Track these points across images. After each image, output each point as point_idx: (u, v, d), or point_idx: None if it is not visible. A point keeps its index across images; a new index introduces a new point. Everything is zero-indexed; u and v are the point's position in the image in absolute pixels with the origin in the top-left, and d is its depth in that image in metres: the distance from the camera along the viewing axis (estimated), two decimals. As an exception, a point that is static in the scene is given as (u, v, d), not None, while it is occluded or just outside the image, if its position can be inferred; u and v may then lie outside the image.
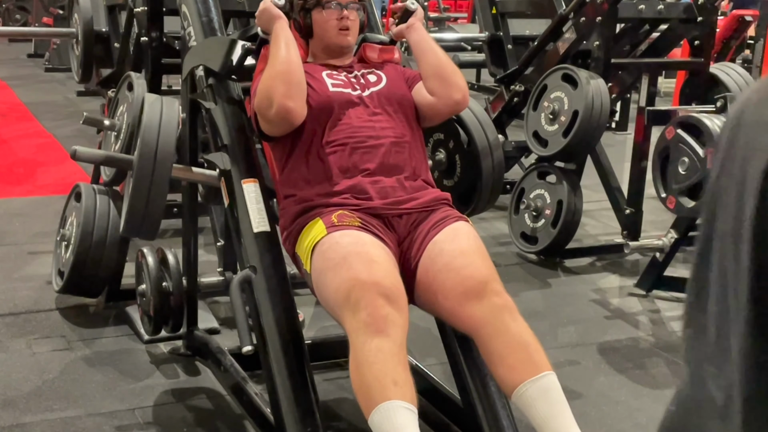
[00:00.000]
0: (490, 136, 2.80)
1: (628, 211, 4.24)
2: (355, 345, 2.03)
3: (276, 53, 2.40)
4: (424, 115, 2.56)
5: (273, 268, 2.40)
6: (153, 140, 2.50)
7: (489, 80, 6.00)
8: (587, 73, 4.08)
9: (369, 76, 2.55)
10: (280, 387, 2.24)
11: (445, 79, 2.50)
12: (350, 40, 2.56)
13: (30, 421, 2.61)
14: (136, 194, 2.48)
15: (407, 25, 2.62)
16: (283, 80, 2.34)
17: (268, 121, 2.39)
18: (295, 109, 2.34)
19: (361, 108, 2.45)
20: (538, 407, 2.05)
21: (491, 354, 2.14)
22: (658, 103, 4.61)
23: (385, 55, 2.68)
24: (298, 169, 2.41)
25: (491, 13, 5.15)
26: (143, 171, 2.48)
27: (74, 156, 2.57)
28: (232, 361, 2.79)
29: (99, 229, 3.30)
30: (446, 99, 2.50)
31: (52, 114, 7.47)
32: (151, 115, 2.53)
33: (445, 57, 2.55)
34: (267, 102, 2.35)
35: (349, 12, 2.53)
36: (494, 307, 2.15)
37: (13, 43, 12.08)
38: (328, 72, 2.52)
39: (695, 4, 4.43)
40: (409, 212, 2.34)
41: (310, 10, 2.55)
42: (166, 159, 2.50)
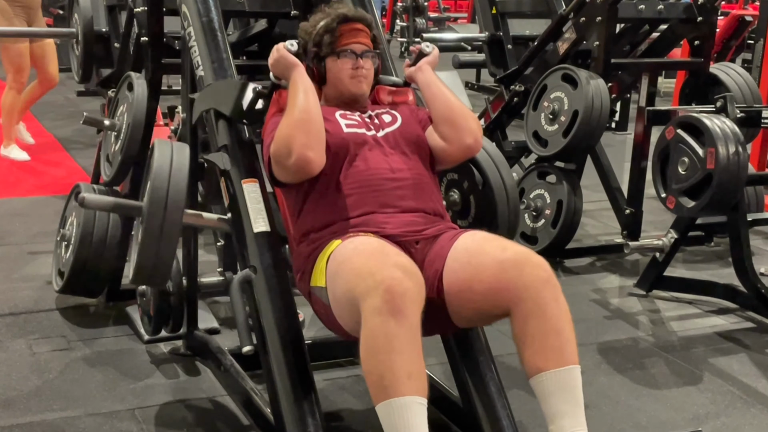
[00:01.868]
0: (505, 176, 2.67)
1: (628, 211, 4.25)
2: (371, 326, 1.96)
3: (295, 101, 2.33)
4: (437, 158, 2.49)
5: (273, 268, 2.39)
6: (163, 188, 2.39)
7: (489, 80, 6.00)
8: (587, 73, 4.08)
9: (383, 116, 2.50)
10: (280, 387, 2.24)
11: (456, 124, 2.44)
12: (365, 88, 2.50)
13: (30, 421, 2.62)
14: (146, 243, 2.38)
15: (417, 67, 2.57)
16: (303, 129, 2.27)
17: (286, 170, 2.30)
18: (315, 160, 2.27)
19: (376, 149, 2.39)
20: (552, 400, 2.05)
21: (523, 333, 2.08)
22: (658, 103, 4.61)
23: (399, 98, 2.62)
24: (312, 213, 2.35)
25: (491, 13, 5.15)
26: (153, 220, 2.37)
27: (83, 204, 2.48)
28: (232, 361, 2.79)
29: (99, 229, 3.30)
30: (457, 144, 2.44)
31: (52, 114, 7.47)
32: (161, 162, 2.42)
33: (456, 100, 2.48)
34: (286, 151, 2.26)
35: (364, 61, 2.47)
36: (538, 278, 2.09)
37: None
38: (342, 113, 2.46)
39: (695, 4, 4.43)
40: (426, 237, 2.29)
41: (324, 58, 2.48)
42: (177, 208, 2.39)
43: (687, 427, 2.74)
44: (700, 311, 3.75)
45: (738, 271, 3.67)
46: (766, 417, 2.84)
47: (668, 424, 2.75)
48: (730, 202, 3.48)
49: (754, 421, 2.81)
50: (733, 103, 3.60)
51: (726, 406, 2.91)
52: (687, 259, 4.44)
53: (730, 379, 3.11)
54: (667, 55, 4.96)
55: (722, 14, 7.31)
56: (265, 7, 3.40)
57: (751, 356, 3.31)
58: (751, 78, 4.66)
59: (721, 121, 3.41)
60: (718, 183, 3.33)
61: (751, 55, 7.25)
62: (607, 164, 4.55)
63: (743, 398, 2.96)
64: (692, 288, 3.90)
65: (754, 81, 4.69)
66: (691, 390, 3.01)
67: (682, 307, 3.80)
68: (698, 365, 3.22)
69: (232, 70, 2.77)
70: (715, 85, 4.53)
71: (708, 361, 3.25)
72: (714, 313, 3.73)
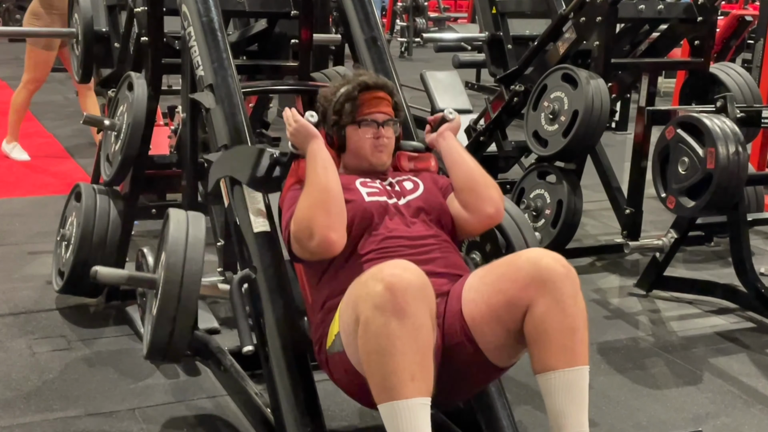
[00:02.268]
0: (528, 239, 2.61)
1: (628, 211, 4.25)
2: (372, 327, 1.92)
3: (314, 178, 2.24)
4: (458, 227, 2.42)
5: (273, 268, 2.39)
6: (179, 263, 2.33)
7: (489, 80, 6.00)
8: (587, 73, 4.08)
9: (405, 183, 2.43)
10: (280, 387, 2.24)
11: (478, 193, 2.37)
12: (385, 158, 2.44)
13: (30, 421, 2.62)
14: (161, 320, 2.32)
15: (438, 132, 2.50)
16: (324, 209, 2.18)
17: (307, 251, 2.22)
18: (337, 241, 2.18)
19: (397, 217, 2.32)
20: (557, 399, 2.04)
21: (537, 331, 2.04)
22: (658, 103, 4.61)
23: (420, 164, 2.56)
24: (331, 281, 2.26)
25: (491, 13, 5.15)
26: (169, 296, 2.32)
27: (95, 277, 2.44)
28: (232, 361, 2.78)
29: (99, 229, 3.30)
30: (479, 213, 2.37)
31: (52, 114, 7.48)
32: (177, 236, 2.36)
33: (478, 168, 2.41)
34: (307, 233, 2.18)
35: (385, 130, 2.42)
36: (555, 273, 2.05)
37: (13, 43, 12.07)
38: (362, 180, 2.39)
39: (695, 4, 4.42)
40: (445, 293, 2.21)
41: (344, 126, 2.42)
42: (194, 283, 2.33)
43: (687, 427, 2.74)
44: (700, 311, 3.75)
45: (738, 271, 3.67)
46: (766, 417, 2.84)
47: (668, 424, 2.75)
48: (730, 202, 3.48)
49: (754, 421, 2.81)
50: (733, 103, 3.60)
51: (726, 406, 2.91)
52: (687, 259, 4.44)
53: (730, 379, 3.11)
54: (667, 55, 4.96)
55: (722, 14, 7.31)
56: (265, 7, 3.40)
57: (751, 356, 3.31)
58: (751, 78, 4.66)
59: (721, 121, 3.41)
60: (718, 183, 3.33)
61: (751, 55, 7.26)
62: (607, 164, 4.55)
63: (743, 398, 2.96)
64: (692, 288, 3.90)
65: (754, 81, 4.69)
66: (691, 390, 3.01)
67: (682, 307, 3.80)
68: (698, 365, 3.22)
69: (232, 70, 2.78)
70: (715, 85, 4.53)
71: (708, 361, 3.25)
72: (714, 313, 3.73)
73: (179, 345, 2.36)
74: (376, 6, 3.57)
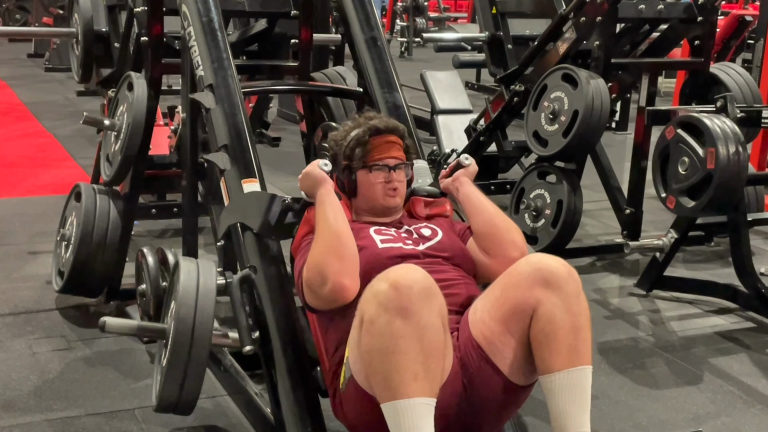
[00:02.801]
0: None
1: (628, 211, 4.25)
2: (376, 326, 1.91)
3: (324, 224, 2.20)
4: (479, 274, 2.37)
5: (273, 268, 2.39)
6: (190, 315, 2.28)
7: (489, 80, 6.00)
8: (587, 73, 4.07)
9: (423, 231, 2.39)
10: (280, 387, 2.24)
11: (500, 238, 2.33)
12: (398, 201, 2.41)
13: (30, 421, 2.62)
14: (172, 373, 2.28)
15: (454, 178, 2.46)
16: (336, 255, 2.13)
17: (320, 298, 2.17)
18: (351, 287, 2.13)
19: (416, 262, 2.19)
20: (559, 399, 2.04)
21: (542, 332, 2.03)
22: (658, 103, 4.61)
23: (436, 209, 2.52)
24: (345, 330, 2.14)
25: (491, 13, 5.15)
26: (179, 348, 2.27)
27: (103, 329, 2.38)
28: (232, 361, 2.79)
29: (99, 229, 3.30)
30: (501, 258, 2.30)
31: (52, 114, 7.47)
32: (187, 286, 2.32)
33: (498, 213, 2.37)
34: (320, 279, 2.13)
35: (397, 174, 2.39)
36: (556, 273, 2.05)
37: (13, 43, 12.09)
38: (376, 228, 2.35)
39: (695, 4, 4.42)
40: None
41: (355, 171, 2.39)
42: (204, 336, 2.28)
43: (687, 427, 2.74)
44: (700, 311, 3.75)
45: (738, 271, 3.67)
46: (766, 417, 2.84)
47: (668, 424, 2.75)
48: (730, 202, 3.48)
49: (754, 421, 2.80)
50: (733, 103, 3.60)
51: (726, 406, 2.91)
52: (687, 259, 4.44)
53: (730, 379, 3.11)
54: (667, 55, 4.96)
55: (722, 14, 7.30)
56: (265, 7, 3.40)
57: (751, 356, 3.31)
58: (751, 78, 4.66)
59: (721, 121, 3.41)
60: (718, 183, 3.33)
61: (751, 55, 7.26)
62: (607, 164, 4.55)
63: (743, 398, 2.96)
64: (692, 288, 3.90)
65: (754, 81, 4.69)
66: (691, 390, 3.01)
67: (682, 307, 3.80)
68: (698, 365, 3.22)
69: (232, 70, 2.78)
70: (715, 85, 4.53)
71: (708, 361, 3.25)
72: (714, 313, 3.73)
73: (190, 397, 2.33)
74: (376, 6, 3.57)
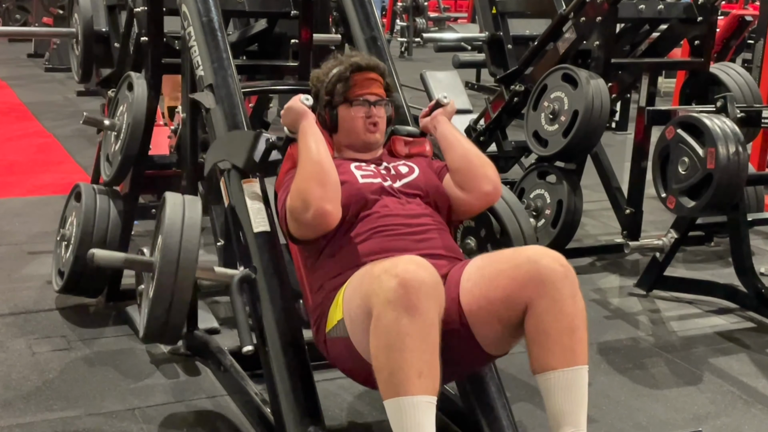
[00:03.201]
0: (524, 225, 2.60)
1: (628, 211, 4.25)
2: (384, 322, 1.93)
3: (306, 153, 2.28)
4: (456, 209, 2.45)
5: (273, 268, 2.39)
6: (175, 245, 2.36)
7: (489, 80, 5.99)
8: (587, 73, 4.07)
9: (400, 168, 2.46)
10: (280, 387, 2.24)
11: (474, 172, 2.40)
12: (378, 137, 2.48)
13: (30, 421, 2.62)
14: (157, 302, 2.35)
15: (432, 116, 2.55)
16: (318, 182, 2.21)
17: (304, 225, 2.24)
18: (332, 212, 2.22)
19: (393, 198, 2.35)
20: (556, 399, 2.04)
21: (536, 330, 2.05)
22: (658, 103, 4.61)
23: (415, 149, 2.59)
24: (327, 264, 2.29)
25: (491, 13, 5.15)
26: (165, 278, 2.35)
27: (92, 260, 2.44)
28: (232, 361, 2.79)
29: (99, 229, 3.30)
30: (476, 192, 2.40)
31: (52, 114, 7.47)
32: (173, 218, 2.39)
33: (473, 148, 2.45)
34: (302, 205, 2.20)
35: (377, 109, 2.46)
36: (554, 273, 2.06)
37: (13, 43, 12.09)
38: (357, 164, 2.42)
39: (695, 4, 4.42)
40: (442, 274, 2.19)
41: (336, 106, 2.46)
42: (190, 266, 2.36)
43: (687, 427, 2.74)
44: (700, 311, 3.75)
45: (738, 271, 3.67)
46: (766, 417, 2.84)
47: (668, 424, 2.75)
48: (731, 202, 3.48)
49: (754, 421, 2.81)
50: (733, 103, 3.60)
51: (726, 406, 2.91)
52: (687, 259, 4.44)
53: (730, 379, 3.11)
54: (667, 55, 4.96)
55: (722, 14, 7.30)
56: (265, 7, 3.40)
57: (751, 356, 3.31)
58: (751, 78, 4.66)
59: (721, 121, 3.41)
60: (718, 183, 3.33)
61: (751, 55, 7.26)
62: (607, 164, 4.55)
63: (743, 398, 2.96)
64: (692, 288, 3.90)
65: (754, 81, 4.69)
66: (691, 390, 3.01)
67: (682, 307, 3.80)
68: (698, 365, 3.22)
69: (232, 69, 2.78)
70: (715, 85, 4.53)
71: (708, 361, 3.25)
72: (714, 313, 3.73)
73: (175, 327, 2.39)
74: (376, 6, 3.57)
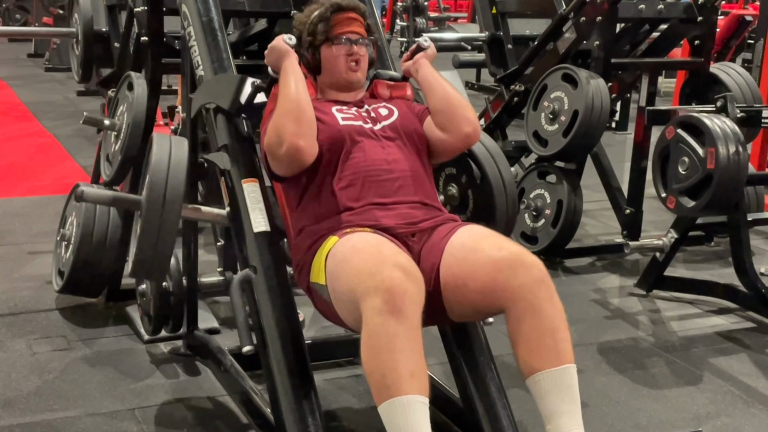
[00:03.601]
0: (503, 171, 2.69)
1: (628, 211, 4.25)
2: (371, 326, 1.97)
3: (285, 91, 2.35)
4: (436, 150, 2.51)
5: (273, 268, 2.39)
6: (162, 182, 2.40)
7: (489, 80, 6.00)
8: (587, 72, 4.08)
9: (380, 110, 2.51)
10: (280, 387, 2.24)
11: (454, 113, 2.46)
12: (359, 76, 2.52)
13: (30, 421, 2.62)
14: (145, 238, 2.39)
15: (414, 60, 2.59)
16: (293, 118, 2.29)
17: (279, 160, 2.33)
18: (305, 148, 2.28)
19: (373, 141, 2.40)
20: (549, 399, 2.05)
21: (518, 333, 2.09)
22: (658, 103, 4.61)
23: (397, 92, 2.63)
24: (310, 206, 2.36)
25: (491, 13, 5.15)
26: (152, 213, 2.37)
27: (82, 197, 2.50)
28: (232, 361, 2.79)
29: (99, 229, 3.30)
30: (456, 133, 2.46)
31: (52, 114, 7.47)
32: (160, 156, 2.43)
33: (454, 91, 2.51)
34: (277, 141, 2.29)
35: (358, 48, 2.49)
36: (532, 279, 2.09)
37: (13, 43, 12.09)
38: (338, 107, 2.47)
39: (695, 4, 4.42)
40: (423, 230, 2.30)
41: (318, 46, 2.50)
42: (175, 201, 2.40)
43: (687, 427, 2.74)
44: (700, 311, 3.75)
45: (738, 271, 3.67)
46: (766, 417, 2.84)
47: (668, 424, 2.75)
48: (731, 202, 3.48)
49: (754, 421, 2.81)
50: (734, 103, 3.60)
51: (726, 406, 2.91)
52: (687, 259, 4.44)
53: (730, 379, 3.11)
54: (667, 55, 4.96)
55: (722, 14, 7.30)
56: (265, 6, 3.39)
57: (751, 356, 3.31)
58: (751, 78, 4.66)
59: (721, 121, 3.41)
60: (718, 183, 3.33)
61: (751, 55, 7.26)
62: (607, 164, 4.55)
63: (743, 398, 2.96)
64: (692, 288, 3.90)
65: (754, 81, 4.69)
66: (691, 390, 3.01)
67: (682, 307, 3.80)
68: (698, 365, 3.22)
69: (232, 69, 2.77)
70: (716, 84, 4.53)
71: (708, 361, 3.25)
72: (714, 313, 3.73)
73: (162, 262, 2.43)
74: (376, 6, 3.57)
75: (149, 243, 2.39)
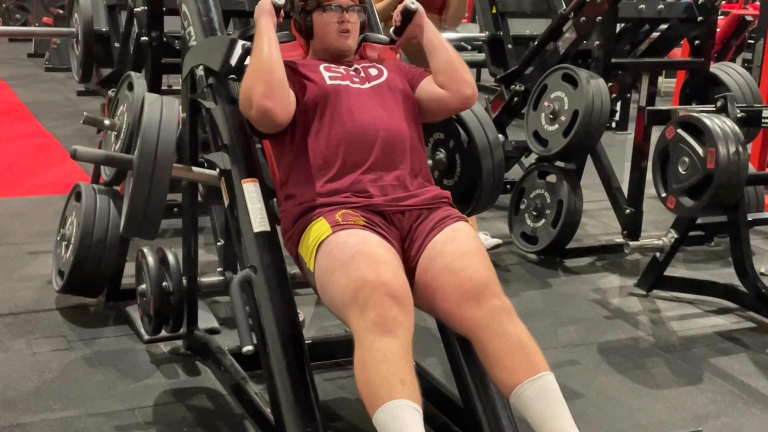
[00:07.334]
0: (490, 135, 2.81)
1: (628, 211, 4.25)
2: (363, 344, 2.01)
3: (257, 51, 2.38)
4: (432, 109, 2.56)
5: (273, 268, 2.39)
6: (153, 140, 2.49)
7: (489, 80, 6.00)
8: (587, 72, 4.08)
9: (370, 70, 2.54)
10: (280, 387, 2.24)
11: (457, 74, 2.52)
12: (350, 43, 2.55)
13: (30, 421, 2.61)
14: (136, 194, 2.47)
15: (416, 24, 2.61)
16: (262, 80, 2.32)
17: (251, 120, 2.40)
18: (274, 109, 2.32)
19: (360, 100, 2.42)
20: (535, 407, 2.04)
21: (489, 356, 2.13)
22: (658, 103, 4.61)
23: (385, 54, 2.70)
24: (297, 167, 2.39)
25: (491, 13, 5.15)
26: (143, 171, 2.47)
27: (74, 156, 2.56)
28: (232, 361, 2.79)
29: (99, 229, 3.30)
30: (457, 93, 2.52)
31: (52, 114, 7.48)
32: (151, 115, 2.53)
33: (456, 53, 2.58)
34: (247, 102, 2.34)
35: (349, 15, 2.53)
36: (492, 309, 2.14)
37: (13, 43, 12.10)
38: (326, 65, 2.50)
39: (695, 4, 4.43)
40: (410, 209, 2.33)
41: (310, 12, 2.54)
42: (166, 159, 2.50)
43: (687, 427, 2.74)
44: (700, 311, 3.75)
45: (738, 271, 3.66)
46: (766, 417, 2.84)
47: (668, 424, 2.75)
48: (731, 201, 3.48)
49: (754, 421, 2.81)
50: (734, 103, 3.60)
51: (726, 406, 2.90)
52: (687, 259, 4.44)
53: (730, 379, 3.11)
54: (667, 55, 4.96)
55: (722, 14, 7.31)
56: (265, 6, 3.38)
57: (751, 356, 3.31)
58: (751, 78, 4.66)
59: (721, 120, 3.41)
60: (719, 183, 3.33)
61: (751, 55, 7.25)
62: (607, 164, 4.55)
63: (743, 398, 2.96)
64: (692, 288, 3.90)
65: (754, 81, 4.69)
66: (691, 390, 3.01)
67: (682, 307, 3.80)
68: (698, 365, 3.22)
69: (232, 69, 2.78)
70: (716, 84, 4.54)
71: (708, 361, 3.25)
72: (714, 313, 3.73)
73: (152, 221, 2.49)
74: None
75: (140, 201, 2.44)
